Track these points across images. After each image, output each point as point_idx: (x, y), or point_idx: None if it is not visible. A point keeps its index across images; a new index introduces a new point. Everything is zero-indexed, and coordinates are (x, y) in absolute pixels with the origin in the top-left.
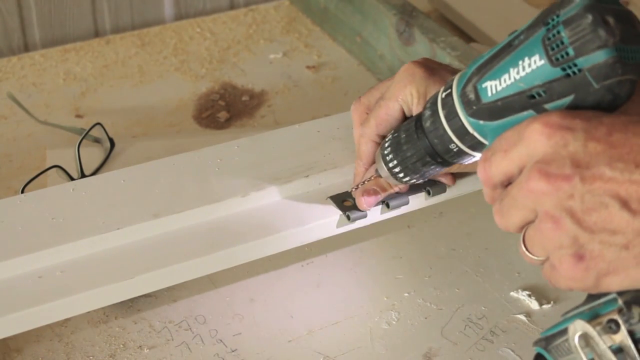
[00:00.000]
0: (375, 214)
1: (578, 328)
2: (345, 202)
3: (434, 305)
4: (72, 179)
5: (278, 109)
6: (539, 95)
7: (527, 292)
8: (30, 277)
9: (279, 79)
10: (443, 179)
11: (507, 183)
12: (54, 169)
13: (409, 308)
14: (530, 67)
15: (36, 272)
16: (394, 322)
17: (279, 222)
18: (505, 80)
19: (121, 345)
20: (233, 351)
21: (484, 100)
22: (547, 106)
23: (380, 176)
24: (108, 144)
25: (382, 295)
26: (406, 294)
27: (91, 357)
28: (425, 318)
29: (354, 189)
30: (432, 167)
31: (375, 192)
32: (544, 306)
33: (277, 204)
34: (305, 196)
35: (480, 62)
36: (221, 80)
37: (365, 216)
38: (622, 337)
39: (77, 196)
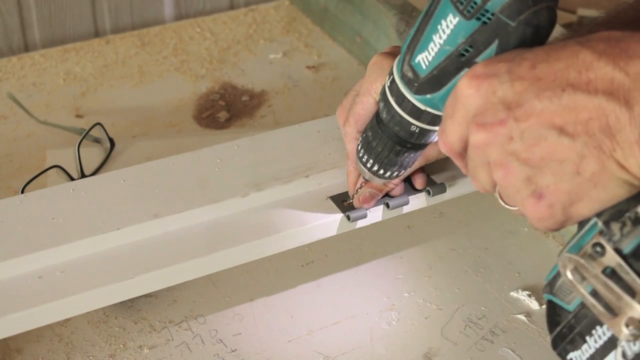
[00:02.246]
0: (375, 215)
1: (567, 262)
2: (345, 202)
3: (434, 305)
4: (72, 179)
5: (278, 109)
6: (467, 51)
7: (527, 292)
8: (30, 277)
9: (279, 79)
10: (417, 182)
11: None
12: (54, 169)
13: (409, 308)
14: (449, 28)
15: (36, 272)
16: (394, 322)
17: (279, 223)
18: (432, 49)
19: (121, 345)
20: (233, 351)
21: (422, 74)
22: (478, 59)
23: (367, 180)
24: (108, 144)
25: (382, 295)
26: (406, 294)
27: (91, 357)
28: (425, 318)
29: (351, 199)
30: (406, 154)
31: (372, 196)
32: (544, 306)
33: (277, 204)
34: (305, 196)
35: (408, 40)
36: (221, 80)
37: (365, 216)
38: (610, 257)
39: (77, 196)
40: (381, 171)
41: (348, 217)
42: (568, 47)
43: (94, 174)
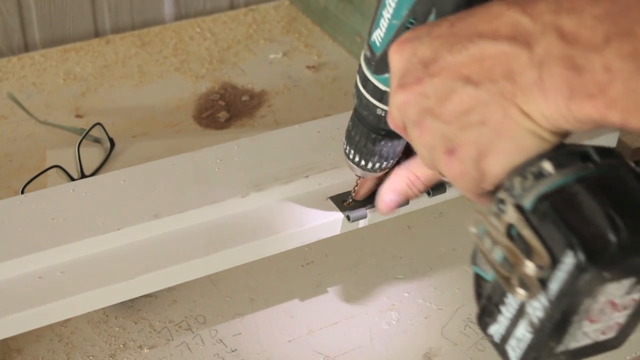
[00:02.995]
0: (375, 215)
1: (472, 222)
2: (345, 203)
3: (434, 305)
4: (72, 179)
5: (278, 109)
6: (411, 23)
7: None
8: (31, 277)
9: (279, 79)
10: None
11: None
12: (54, 169)
13: (409, 308)
14: (394, 2)
15: (36, 272)
16: (394, 322)
17: (279, 223)
18: (383, 25)
19: (121, 345)
20: (233, 351)
21: (377, 52)
22: None
23: (359, 176)
24: (108, 144)
25: (382, 295)
26: (406, 294)
27: (91, 357)
28: (425, 318)
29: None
30: (383, 142)
31: (398, 195)
32: None
33: (277, 204)
34: (305, 197)
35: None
36: (221, 80)
37: (365, 216)
38: (511, 214)
39: (77, 196)
40: (362, 162)
41: (348, 217)
42: (487, 5)
43: (94, 174)
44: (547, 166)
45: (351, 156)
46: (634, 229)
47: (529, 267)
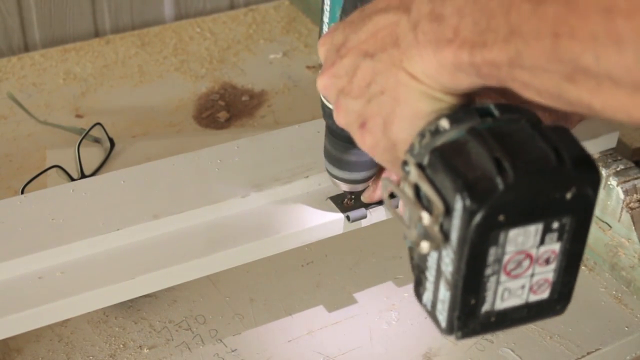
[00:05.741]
0: (375, 215)
1: (382, 188)
2: (345, 203)
3: None
4: (72, 179)
5: (278, 109)
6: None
7: None
8: (31, 277)
9: (279, 79)
10: (365, 196)
11: None
12: (54, 169)
13: (409, 308)
14: (328, 6)
15: (36, 272)
16: (394, 322)
17: (279, 223)
18: (324, 30)
19: (121, 345)
20: (233, 351)
21: None
22: None
23: (348, 192)
24: (108, 144)
25: (382, 295)
26: (406, 294)
27: (91, 357)
28: (425, 318)
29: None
30: (351, 150)
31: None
32: None
33: (277, 204)
34: (305, 197)
35: None
36: (221, 80)
37: (365, 216)
38: (412, 173)
39: (77, 197)
40: (339, 173)
41: (348, 218)
42: None
43: (94, 174)
44: (444, 123)
45: (329, 169)
46: (522, 171)
47: (425, 218)
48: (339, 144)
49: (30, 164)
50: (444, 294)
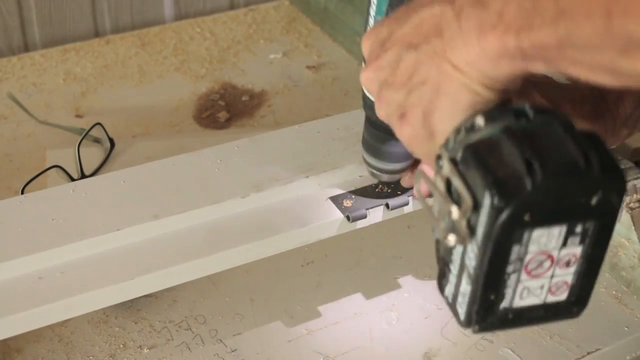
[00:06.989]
0: (375, 215)
1: (415, 178)
2: (345, 203)
3: (434, 305)
4: (72, 179)
5: (278, 109)
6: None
7: None
8: (31, 278)
9: (279, 79)
10: (404, 180)
11: None
12: (54, 169)
13: (409, 308)
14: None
15: (36, 273)
16: (394, 322)
17: (279, 223)
18: (371, 23)
19: (121, 345)
20: (233, 351)
21: None
22: None
23: (386, 182)
24: (108, 144)
25: (382, 295)
26: (406, 294)
27: (91, 357)
28: (425, 318)
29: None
30: (389, 142)
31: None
32: None
33: (277, 204)
34: (305, 197)
35: None
36: (221, 80)
37: (365, 217)
38: (445, 167)
39: (77, 197)
40: (376, 163)
41: (348, 218)
42: None
43: (94, 174)
44: (479, 120)
45: (366, 157)
46: (551, 173)
47: (454, 212)
48: (379, 135)
49: (30, 164)
50: (465, 287)
